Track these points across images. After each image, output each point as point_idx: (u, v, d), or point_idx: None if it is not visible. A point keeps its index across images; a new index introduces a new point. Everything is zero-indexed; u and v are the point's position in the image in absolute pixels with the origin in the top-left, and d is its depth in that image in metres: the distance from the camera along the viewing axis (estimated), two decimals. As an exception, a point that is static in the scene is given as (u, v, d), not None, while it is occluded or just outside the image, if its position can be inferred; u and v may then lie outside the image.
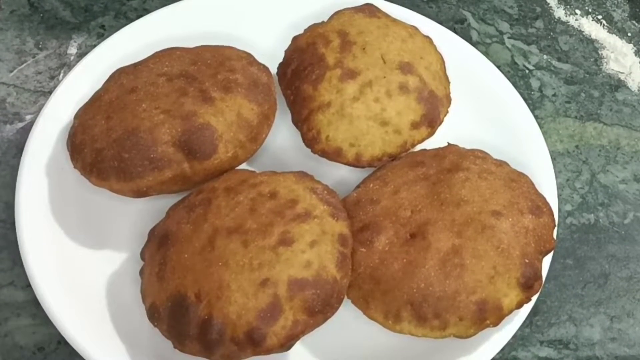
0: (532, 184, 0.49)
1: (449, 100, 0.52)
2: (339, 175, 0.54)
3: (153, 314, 0.45)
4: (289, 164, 0.54)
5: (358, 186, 0.51)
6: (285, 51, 0.53)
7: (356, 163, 0.50)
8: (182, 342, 0.43)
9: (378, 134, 0.49)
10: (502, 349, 0.47)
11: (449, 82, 0.53)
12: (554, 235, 0.47)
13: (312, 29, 0.53)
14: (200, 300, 0.43)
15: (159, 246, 0.47)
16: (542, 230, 0.46)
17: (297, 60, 0.51)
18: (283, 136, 0.55)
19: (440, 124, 0.52)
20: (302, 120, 0.50)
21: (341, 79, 0.49)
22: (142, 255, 0.48)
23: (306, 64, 0.50)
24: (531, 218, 0.46)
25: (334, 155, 0.50)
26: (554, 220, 0.47)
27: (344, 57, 0.49)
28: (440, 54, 0.54)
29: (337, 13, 0.54)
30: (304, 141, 0.50)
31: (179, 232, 0.46)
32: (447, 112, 0.52)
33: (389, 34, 0.52)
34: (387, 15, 0.54)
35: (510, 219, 0.45)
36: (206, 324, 0.42)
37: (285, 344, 0.42)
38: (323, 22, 0.54)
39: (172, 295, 0.44)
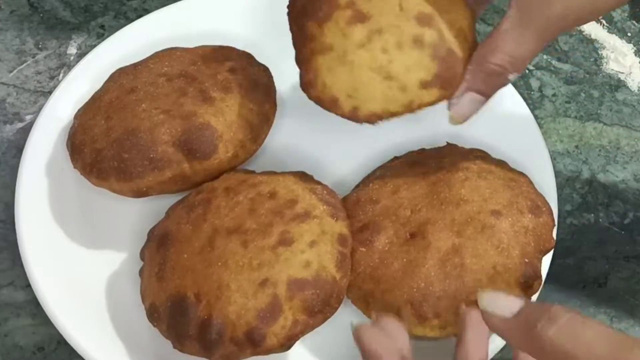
0: (532, 184, 0.49)
1: (469, 52, 0.45)
2: (339, 175, 0.54)
3: (152, 314, 0.45)
4: (289, 164, 0.54)
5: (357, 186, 0.51)
6: None
7: (352, 117, 0.44)
8: (181, 342, 0.43)
9: (380, 88, 0.43)
10: (502, 349, 0.47)
11: (476, 44, 0.46)
12: (554, 235, 0.47)
13: None
14: (200, 301, 0.43)
15: (158, 246, 0.47)
16: (541, 229, 0.46)
17: None
18: (283, 136, 0.55)
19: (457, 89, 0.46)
20: (303, 61, 0.45)
21: (349, 22, 0.43)
22: (142, 255, 0.48)
23: (315, 0, 0.45)
24: (531, 217, 0.46)
25: (329, 104, 0.45)
26: (553, 220, 0.47)
27: None
28: (470, 11, 0.47)
29: None
30: (300, 84, 0.45)
31: (179, 232, 0.46)
32: (466, 65, 0.45)
33: None
34: None
35: (509, 219, 0.45)
36: (206, 324, 0.42)
37: (285, 344, 0.42)
38: None
39: (171, 295, 0.44)
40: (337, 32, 0.43)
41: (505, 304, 0.34)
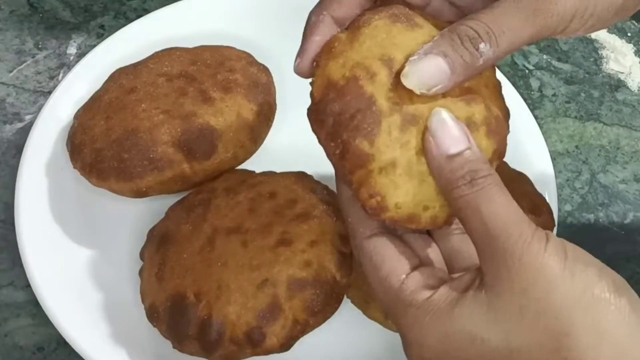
0: (532, 184, 0.49)
1: (507, 114, 0.41)
2: (339, 176, 0.54)
3: (152, 314, 0.45)
4: (288, 164, 0.54)
5: None
6: (313, 87, 0.39)
7: (432, 226, 0.40)
8: (181, 342, 0.43)
9: None
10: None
11: (501, 85, 0.42)
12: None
13: (339, 51, 0.39)
14: (200, 300, 0.43)
15: (158, 246, 0.46)
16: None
17: (337, 103, 0.38)
18: (283, 136, 0.55)
19: None
20: (358, 183, 0.38)
21: (402, 128, 0.36)
22: (142, 255, 0.48)
23: (352, 111, 0.38)
24: (531, 217, 0.46)
25: (407, 222, 0.39)
26: (553, 220, 0.47)
27: (399, 97, 0.37)
28: None
29: (365, 22, 0.39)
30: (363, 207, 0.38)
31: (178, 232, 0.46)
32: (508, 129, 0.41)
33: None
34: (425, 18, 0.40)
35: None
36: (205, 324, 0.42)
37: (285, 344, 0.42)
38: (344, 32, 0.40)
39: (171, 295, 0.44)
40: (394, 145, 0.36)
41: (447, 134, 0.33)
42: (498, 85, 0.40)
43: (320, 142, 0.39)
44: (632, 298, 0.31)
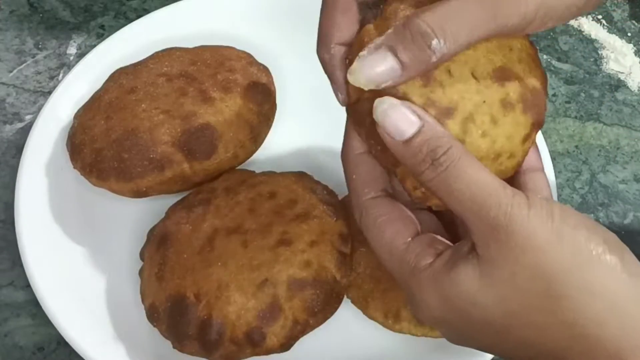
0: None
1: (545, 80, 0.39)
2: (339, 176, 0.53)
3: (152, 314, 0.45)
4: (288, 164, 0.54)
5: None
6: (349, 86, 0.37)
7: None
8: (181, 342, 0.43)
9: (493, 170, 0.37)
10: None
11: (536, 50, 0.40)
12: None
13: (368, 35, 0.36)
14: (200, 301, 0.43)
15: (158, 246, 0.46)
16: None
17: (371, 100, 0.36)
18: (283, 136, 0.55)
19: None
20: (403, 175, 0.38)
21: (439, 122, 0.35)
22: (142, 255, 0.48)
23: None
24: None
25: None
26: None
27: (432, 91, 0.35)
28: None
29: (392, 13, 0.37)
30: (409, 196, 0.38)
31: (178, 232, 0.46)
32: (547, 94, 0.39)
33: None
34: None
35: None
36: (205, 324, 0.42)
37: (285, 344, 0.42)
38: (371, 22, 0.37)
39: (171, 295, 0.44)
40: None
41: (397, 121, 0.32)
42: (533, 53, 0.39)
43: (363, 140, 0.38)
44: (624, 255, 0.32)
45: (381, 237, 0.35)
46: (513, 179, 0.38)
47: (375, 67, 0.32)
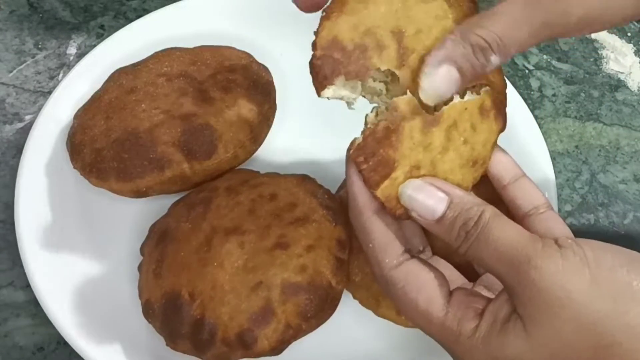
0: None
1: (504, 82, 0.40)
2: (339, 176, 0.54)
3: (148, 311, 0.45)
4: (288, 164, 0.54)
5: (342, 185, 0.51)
6: (317, 36, 0.36)
7: None
8: (174, 341, 0.43)
9: (470, 177, 0.38)
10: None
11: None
12: None
13: (353, 8, 0.36)
14: (194, 300, 0.43)
15: (157, 242, 0.47)
16: None
17: (340, 67, 0.35)
18: (283, 136, 0.55)
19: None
20: (384, 195, 0.36)
21: (424, 130, 0.35)
22: (142, 250, 0.48)
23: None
24: None
25: None
26: None
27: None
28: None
29: None
30: (393, 216, 0.36)
31: (178, 229, 0.46)
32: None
33: (447, 26, 0.36)
34: None
35: (502, 211, 0.45)
36: (198, 324, 0.42)
37: (276, 348, 0.42)
38: None
39: (166, 292, 0.44)
40: (417, 148, 0.35)
41: (426, 204, 0.34)
42: None
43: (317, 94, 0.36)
44: None
45: (415, 307, 0.34)
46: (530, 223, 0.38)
47: (442, 82, 0.34)
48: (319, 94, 0.36)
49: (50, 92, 0.58)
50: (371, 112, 0.35)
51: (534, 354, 0.32)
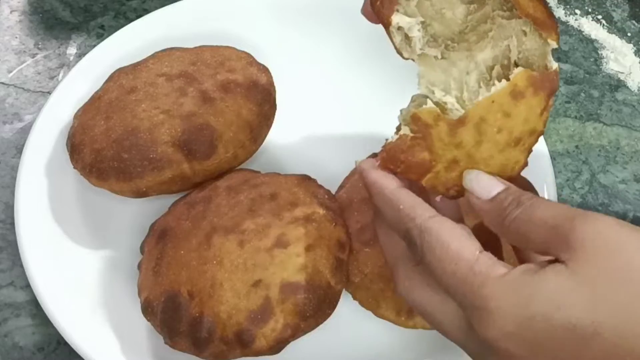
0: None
1: (552, 19, 0.38)
2: (338, 175, 0.54)
3: (147, 309, 0.45)
4: (288, 165, 0.54)
5: (342, 185, 0.51)
6: None
7: None
8: (172, 339, 0.43)
9: (516, 154, 0.38)
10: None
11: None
12: None
13: None
14: (193, 298, 0.43)
15: (157, 240, 0.47)
16: None
17: None
18: (283, 136, 0.55)
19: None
20: (430, 184, 0.38)
21: (451, 133, 0.36)
22: (142, 248, 0.48)
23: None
24: None
25: None
26: None
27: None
28: None
29: None
30: (446, 196, 0.39)
31: (178, 228, 0.46)
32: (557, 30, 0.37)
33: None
34: None
35: None
36: (197, 322, 0.42)
37: (274, 347, 0.42)
38: None
39: (165, 290, 0.44)
40: (450, 147, 0.37)
41: (485, 185, 0.36)
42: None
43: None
44: None
45: (446, 250, 0.34)
46: None
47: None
48: (389, 23, 0.38)
49: (50, 92, 0.58)
50: (401, 113, 0.38)
51: (572, 294, 0.31)
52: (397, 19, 0.37)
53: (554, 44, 0.36)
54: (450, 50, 0.39)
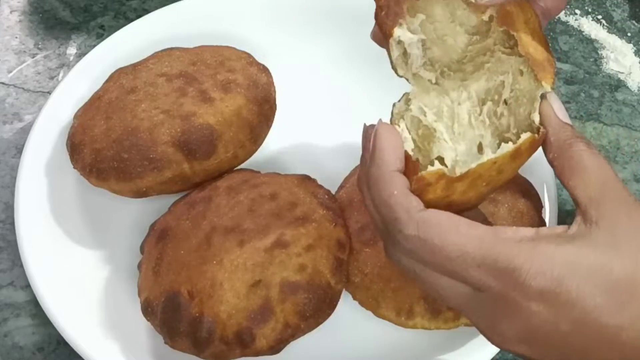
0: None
1: (551, 62, 0.38)
2: (338, 174, 0.54)
3: (147, 309, 0.45)
4: (288, 164, 0.54)
5: (342, 185, 0.51)
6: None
7: None
8: (172, 339, 0.43)
9: (488, 189, 0.37)
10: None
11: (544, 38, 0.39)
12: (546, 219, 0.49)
13: None
14: (193, 298, 0.43)
15: (157, 240, 0.47)
16: (532, 211, 0.47)
17: None
18: (283, 136, 0.55)
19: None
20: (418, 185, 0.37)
21: (447, 186, 0.35)
22: (142, 248, 0.48)
23: None
24: (524, 201, 0.47)
25: None
26: (541, 203, 0.49)
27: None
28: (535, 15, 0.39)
29: None
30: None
31: (178, 227, 0.46)
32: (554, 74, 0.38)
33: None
34: None
35: (506, 205, 0.46)
36: (197, 322, 0.42)
37: (274, 347, 0.42)
38: None
39: (165, 290, 0.44)
40: (440, 197, 0.36)
41: (564, 112, 0.37)
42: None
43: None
44: None
45: (456, 227, 0.32)
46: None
47: None
48: (390, 35, 0.38)
49: (50, 92, 0.58)
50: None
51: (617, 257, 0.31)
52: (399, 32, 0.38)
53: (548, 87, 0.36)
54: (445, 77, 0.39)
